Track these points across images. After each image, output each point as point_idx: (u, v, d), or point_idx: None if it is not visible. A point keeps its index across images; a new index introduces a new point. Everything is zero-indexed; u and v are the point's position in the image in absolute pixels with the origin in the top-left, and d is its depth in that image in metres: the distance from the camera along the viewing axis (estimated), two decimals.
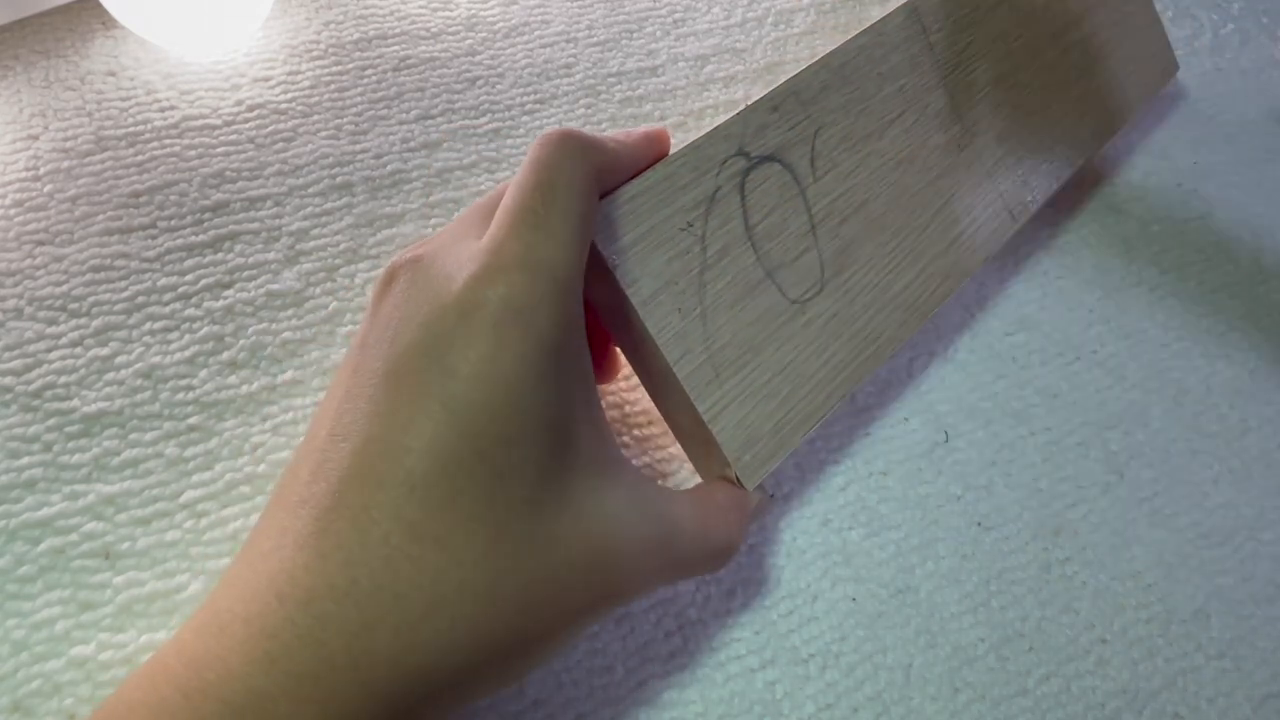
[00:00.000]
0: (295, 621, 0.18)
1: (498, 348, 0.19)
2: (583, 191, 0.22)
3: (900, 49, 0.30)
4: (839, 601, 0.28)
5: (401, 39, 0.37)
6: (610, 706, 0.25)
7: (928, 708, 0.26)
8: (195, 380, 0.28)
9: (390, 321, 0.20)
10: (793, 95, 0.28)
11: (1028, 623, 0.28)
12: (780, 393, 0.26)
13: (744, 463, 0.25)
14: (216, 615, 0.18)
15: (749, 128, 0.26)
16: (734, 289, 0.26)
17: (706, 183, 0.26)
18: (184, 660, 0.18)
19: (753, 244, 0.26)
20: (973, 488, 0.30)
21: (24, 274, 0.29)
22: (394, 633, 0.18)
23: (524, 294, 0.20)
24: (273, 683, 0.17)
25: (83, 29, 0.34)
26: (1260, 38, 0.46)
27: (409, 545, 0.18)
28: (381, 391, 0.19)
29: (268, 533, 0.19)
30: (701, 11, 0.40)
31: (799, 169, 0.28)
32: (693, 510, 0.23)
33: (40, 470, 0.26)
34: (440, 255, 0.21)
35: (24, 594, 0.24)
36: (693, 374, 0.25)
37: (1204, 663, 0.28)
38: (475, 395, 0.19)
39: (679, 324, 0.25)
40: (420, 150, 0.34)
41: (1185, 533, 0.30)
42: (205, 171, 0.32)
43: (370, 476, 0.19)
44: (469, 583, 0.18)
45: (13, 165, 0.31)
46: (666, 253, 0.25)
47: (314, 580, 0.18)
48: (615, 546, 0.21)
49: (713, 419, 0.25)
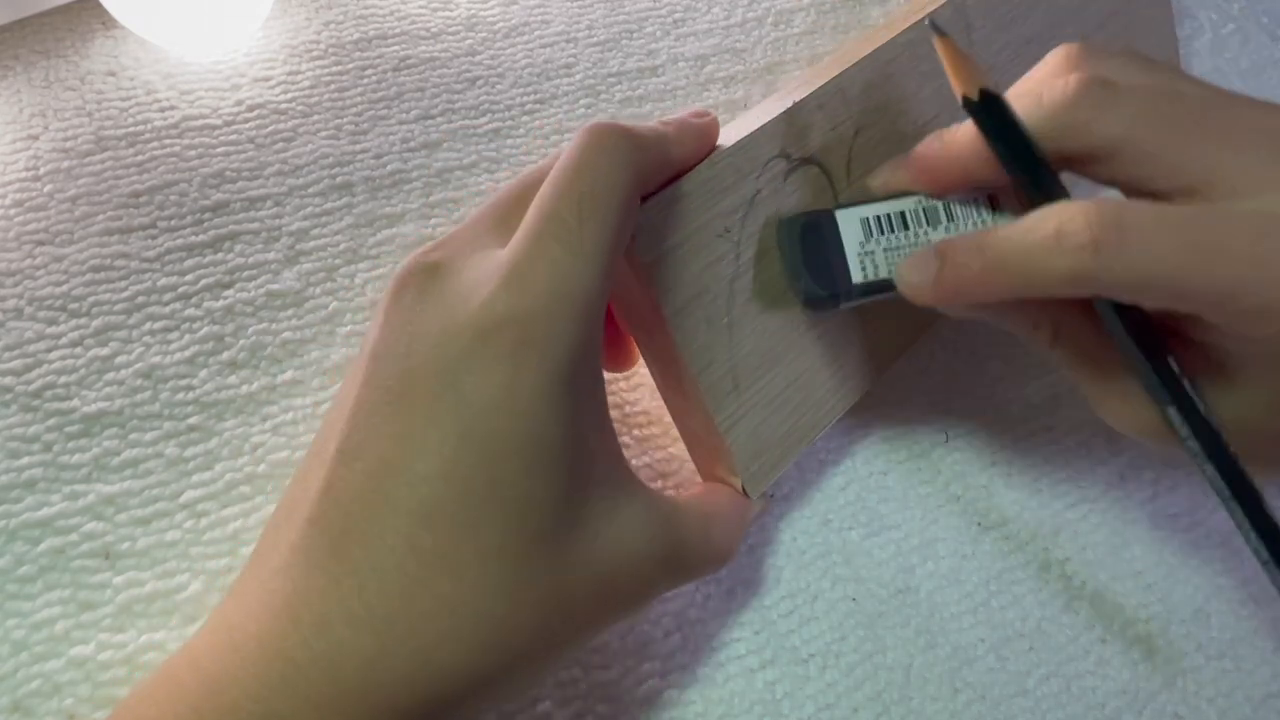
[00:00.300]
0: (310, 645, 0.17)
1: (515, 376, 0.18)
2: (623, 204, 0.20)
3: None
4: (839, 601, 0.28)
5: (401, 39, 0.37)
6: (610, 706, 0.25)
7: (928, 708, 0.26)
8: (195, 380, 0.28)
9: (403, 334, 0.20)
10: (838, 93, 0.26)
11: (1028, 623, 0.28)
12: (791, 403, 0.26)
13: (751, 472, 0.25)
14: (230, 632, 0.18)
15: (793, 127, 0.25)
16: (762, 298, 0.25)
17: (747, 185, 0.24)
18: (199, 678, 0.18)
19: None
20: (973, 488, 0.30)
21: (24, 274, 0.29)
22: (409, 661, 0.18)
23: (545, 322, 0.19)
24: (287, 706, 0.17)
25: (83, 29, 0.34)
26: (1260, 38, 0.46)
27: (424, 574, 0.18)
28: (396, 412, 0.19)
29: (278, 547, 0.19)
30: (701, 11, 0.41)
31: (835, 172, 0.27)
32: (695, 517, 0.23)
33: (40, 470, 0.26)
34: (457, 264, 0.20)
35: (24, 594, 0.24)
36: (714, 385, 0.24)
37: (1204, 663, 0.28)
38: (491, 424, 0.18)
39: (705, 335, 0.24)
40: (420, 150, 0.34)
41: (1185, 533, 0.30)
42: (205, 171, 0.32)
43: (384, 501, 0.18)
44: (484, 612, 0.18)
45: (13, 165, 0.31)
46: (702, 260, 0.24)
47: (328, 605, 0.18)
48: (628, 561, 0.21)
49: (728, 429, 0.25)
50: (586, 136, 0.21)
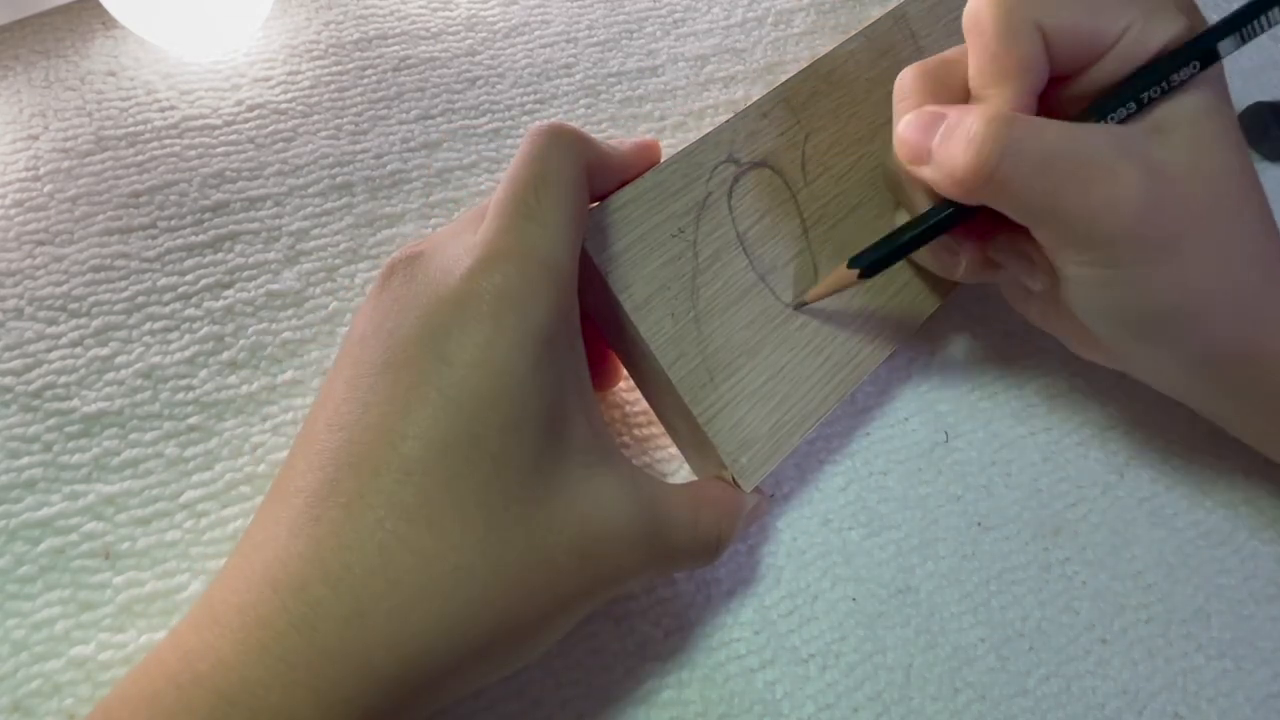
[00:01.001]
0: (288, 609, 0.18)
1: (494, 335, 0.19)
2: (574, 182, 0.22)
3: (889, 54, 0.30)
4: (839, 601, 0.28)
5: (401, 39, 0.37)
6: (610, 706, 0.25)
7: (928, 708, 0.26)
8: (195, 380, 0.28)
9: (388, 315, 0.21)
10: (782, 102, 0.28)
11: (1028, 623, 0.28)
12: (777, 395, 0.26)
13: (741, 465, 0.25)
14: (211, 607, 0.19)
15: (739, 134, 0.27)
16: (727, 293, 0.26)
17: (697, 189, 0.26)
18: (178, 653, 0.18)
19: (744, 249, 0.26)
20: (973, 488, 0.30)
21: (24, 274, 0.29)
22: (387, 618, 0.18)
23: (519, 283, 0.20)
24: (266, 670, 0.17)
25: (83, 29, 0.34)
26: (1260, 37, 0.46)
27: (403, 529, 0.18)
28: (380, 381, 0.20)
29: (262, 523, 0.19)
30: (701, 11, 0.41)
31: (790, 174, 0.28)
32: (684, 502, 0.23)
33: (40, 470, 0.26)
34: (437, 251, 0.22)
35: (24, 594, 0.24)
36: (687, 377, 0.25)
37: (1204, 663, 0.28)
38: (472, 382, 0.19)
39: (672, 328, 0.25)
40: (420, 150, 0.34)
41: (1185, 533, 0.30)
42: (205, 171, 0.32)
43: (366, 463, 0.19)
44: (463, 566, 0.18)
45: (13, 165, 0.31)
46: (658, 258, 0.25)
47: (307, 567, 0.18)
48: (607, 532, 0.21)
49: (708, 421, 0.25)
50: (533, 132, 0.23)
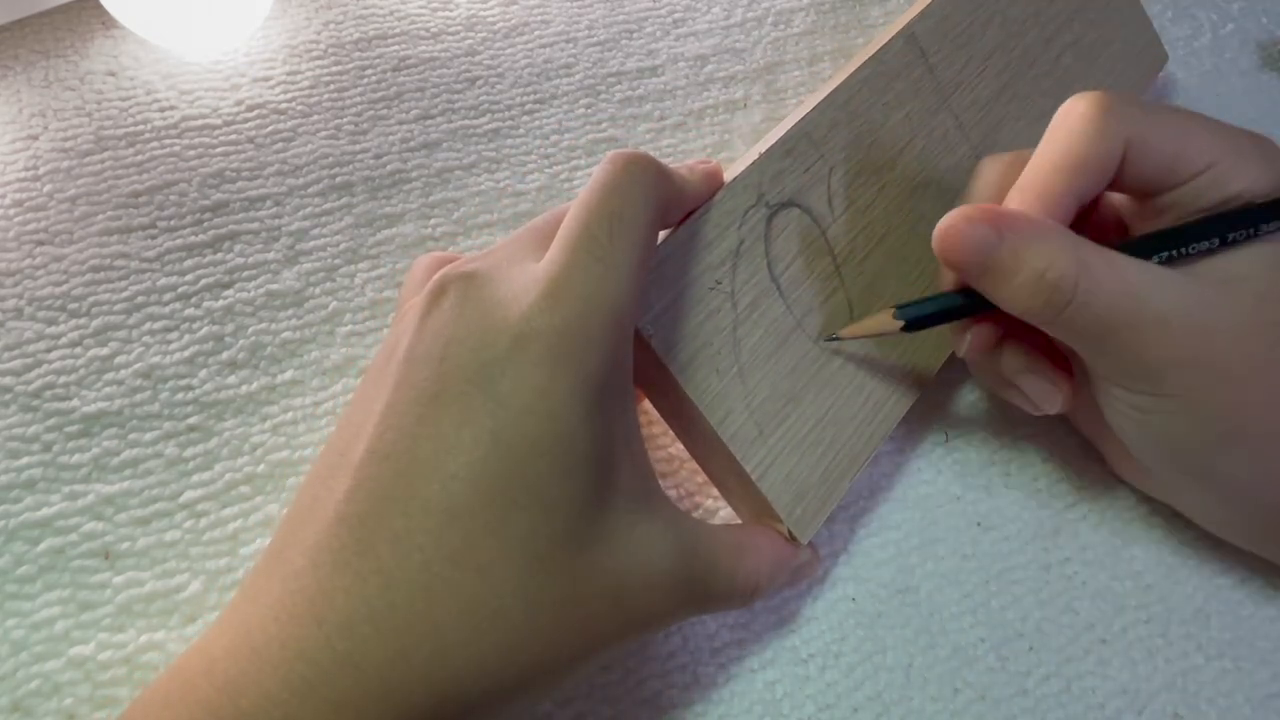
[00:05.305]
0: (334, 647, 0.17)
1: (550, 381, 0.19)
2: (649, 224, 0.21)
3: (902, 76, 0.30)
4: (839, 601, 0.28)
5: (401, 39, 0.37)
6: (610, 706, 0.25)
7: (928, 708, 0.26)
8: (195, 380, 0.28)
9: (439, 339, 0.20)
10: (804, 137, 0.27)
11: (1028, 623, 0.28)
12: (824, 440, 0.26)
13: (796, 517, 0.25)
14: (249, 635, 0.18)
15: (765, 175, 0.26)
16: (768, 341, 0.25)
17: (730, 237, 0.25)
18: (215, 682, 0.18)
19: (781, 293, 0.26)
20: (973, 488, 0.30)
21: (24, 274, 0.29)
22: (428, 660, 0.18)
23: (579, 329, 0.19)
24: (308, 709, 0.17)
25: (83, 29, 0.34)
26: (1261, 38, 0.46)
27: (449, 572, 0.18)
28: (429, 412, 0.19)
29: (299, 547, 0.19)
30: (701, 11, 0.41)
31: (818, 210, 0.27)
32: (726, 548, 0.23)
33: (40, 470, 0.26)
34: (495, 275, 0.21)
35: (24, 594, 0.24)
36: (737, 434, 0.24)
37: (1204, 663, 0.28)
38: (524, 427, 0.19)
39: (718, 385, 0.24)
40: (420, 150, 0.34)
41: (1185, 533, 0.30)
42: (205, 171, 0.32)
43: (414, 500, 0.18)
44: (505, 611, 0.18)
45: (13, 165, 0.31)
46: (699, 314, 0.24)
47: (353, 604, 0.18)
48: (646, 581, 0.21)
49: (761, 476, 0.24)
50: (613, 160, 0.22)
